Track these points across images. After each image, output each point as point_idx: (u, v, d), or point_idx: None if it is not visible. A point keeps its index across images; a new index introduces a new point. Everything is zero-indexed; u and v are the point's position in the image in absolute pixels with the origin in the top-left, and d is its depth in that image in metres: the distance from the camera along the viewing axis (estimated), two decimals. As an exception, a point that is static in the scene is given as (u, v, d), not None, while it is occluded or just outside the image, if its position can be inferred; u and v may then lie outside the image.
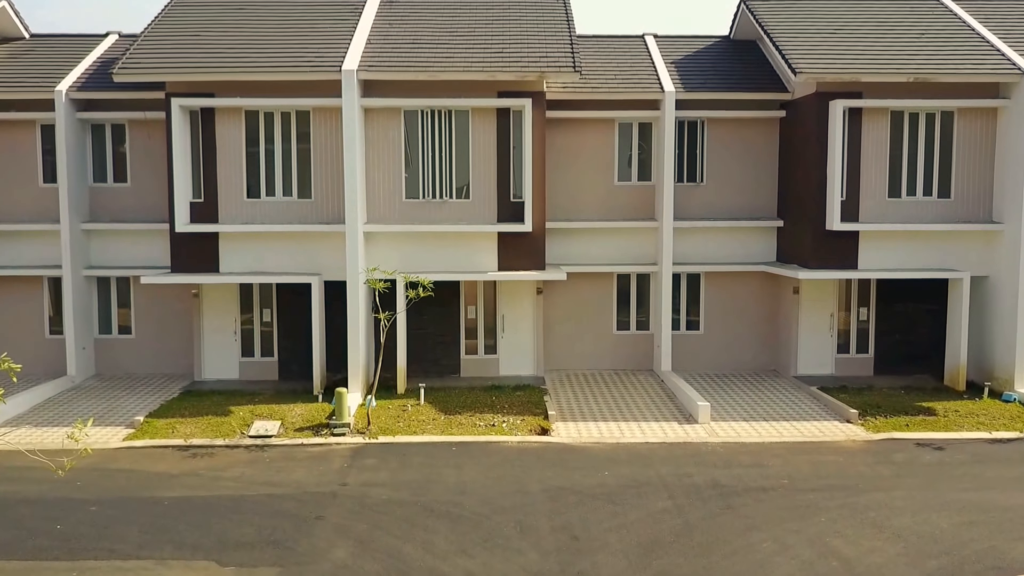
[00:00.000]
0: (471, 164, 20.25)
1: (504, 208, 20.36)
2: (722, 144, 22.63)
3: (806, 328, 22.27)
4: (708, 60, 23.46)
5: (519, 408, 19.04)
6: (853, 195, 20.68)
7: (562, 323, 22.88)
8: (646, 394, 20.84)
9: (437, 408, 18.96)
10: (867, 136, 20.62)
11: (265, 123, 20.04)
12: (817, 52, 20.69)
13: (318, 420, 18.18)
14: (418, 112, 20.05)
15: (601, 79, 22.14)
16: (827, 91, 20.40)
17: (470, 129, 20.16)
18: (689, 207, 22.55)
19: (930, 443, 17.40)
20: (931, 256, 21.09)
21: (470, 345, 21.94)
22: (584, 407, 19.72)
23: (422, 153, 20.13)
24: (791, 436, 17.85)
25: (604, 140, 22.39)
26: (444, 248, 20.37)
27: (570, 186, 22.40)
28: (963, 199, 20.98)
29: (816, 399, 20.50)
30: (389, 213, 20.19)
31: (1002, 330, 20.79)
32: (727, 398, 20.63)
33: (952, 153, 20.82)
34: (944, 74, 19.97)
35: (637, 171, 22.65)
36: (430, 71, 19.43)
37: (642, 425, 18.48)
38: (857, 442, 17.52)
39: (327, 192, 20.13)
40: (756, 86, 22.27)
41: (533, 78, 19.60)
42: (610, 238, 22.51)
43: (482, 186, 20.30)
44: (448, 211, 20.27)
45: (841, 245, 20.88)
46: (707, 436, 17.84)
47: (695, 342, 23.20)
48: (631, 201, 22.58)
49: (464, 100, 19.82)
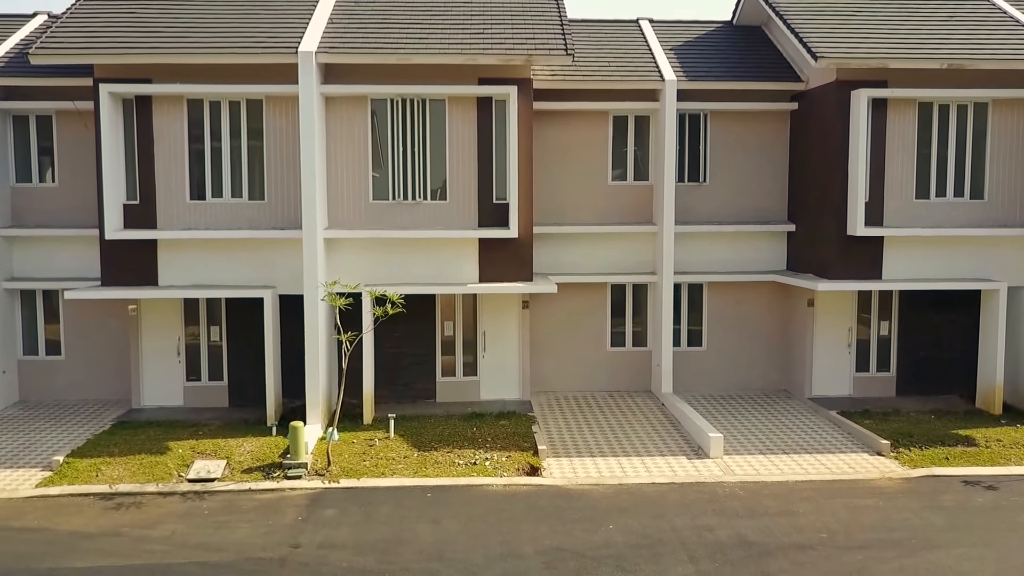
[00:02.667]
0: (448, 161, 17.75)
1: (486, 211, 17.87)
2: (727, 140, 20.30)
3: (821, 344, 19.99)
4: (710, 47, 21.14)
5: (504, 441, 16.55)
6: (877, 196, 18.42)
7: (551, 340, 20.43)
8: (647, 421, 18.43)
9: (409, 442, 16.42)
10: (892, 130, 18.36)
11: (211, 114, 17.41)
12: (839, 36, 18.42)
13: (270, 458, 15.58)
14: (387, 101, 17.51)
15: (593, 67, 19.74)
16: (848, 79, 18.11)
17: (447, 121, 17.66)
18: (691, 210, 20.21)
19: (978, 480, 15.19)
20: (963, 264, 18.89)
21: (447, 366, 19.42)
22: (578, 438, 17.27)
23: (392, 148, 17.62)
24: (817, 473, 15.54)
25: (597, 135, 19.97)
26: (417, 257, 17.85)
27: (560, 186, 19.97)
28: (998, 200, 18.79)
29: (838, 426, 18.21)
30: (354, 217, 17.63)
31: (1041, 347, 18.66)
32: (737, 425, 18.28)
33: (986, 149, 18.61)
34: (982, 60, 17.77)
35: (633, 169, 20.26)
36: (401, 53, 16.91)
37: (646, 461, 16.07)
38: (894, 480, 15.25)
39: (283, 193, 17.53)
40: (765, 75, 19.96)
41: (519, 62, 17.14)
42: (604, 244, 20.10)
43: (461, 186, 17.81)
44: (422, 214, 17.76)
45: (864, 252, 18.60)
46: (722, 474, 15.48)
47: (697, 360, 20.85)
48: (627, 203, 20.19)
49: (440, 87, 17.32)
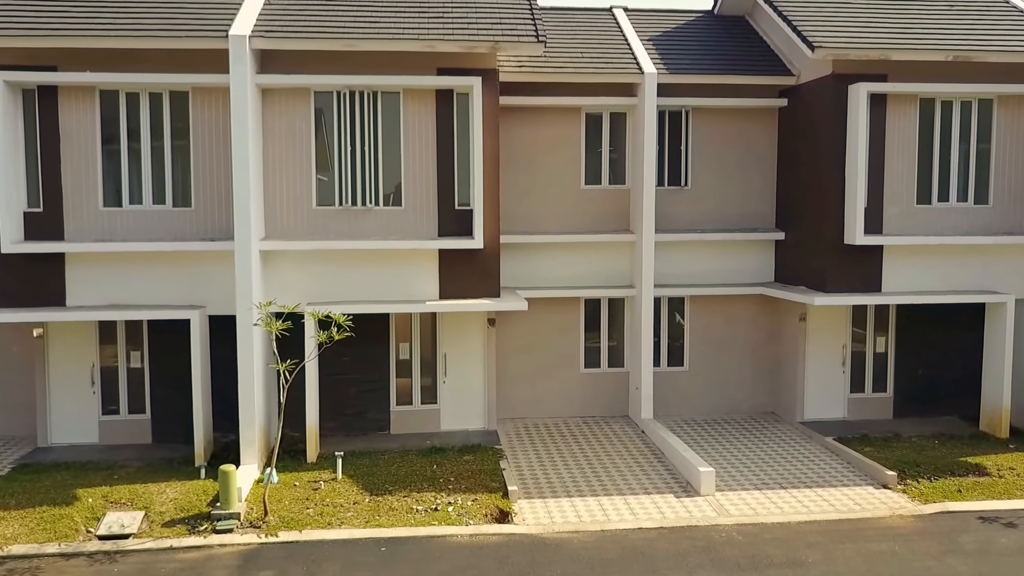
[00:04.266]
0: (403, 161, 15.69)
1: (447, 218, 15.85)
2: (711, 139, 18.54)
3: (813, 363, 18.28)
4: (690, 38, 19.36)
5: (469, 480, 14.51)
6: (875, 201, 16.77)
7: (519, 361, 18.44)
8: (627, 452, 16.53)
9: (360, 484, 14.29)
10: (892, 128, 16.74)
11: (128, 107, 15.16)
12: (836, 25, 16.75)
13: (197, 507, 13.35)
14: (333, 94, 15.41)
15: (565, 58, 17.83)
16: (846, 72, 16.45)
17: (402, 116, 15.61)
18: (671, 216, 18.39)
19: (996, 517, 13.62)
20: (967, 275, 17.34)
21: (403, 393, 17.28)
22: (552, 474, 15.29)
23: (339, 147, 15.52)
24: (821, 512, 13.80)
25: (569, 134, 18.06)
26: (368, 271, 15.76)
27: (529, 191, 18.01)
28: (1004, 206, 17.27)
29: (836, 454, 16.50)
30: (295, 226, 15.48)
31: (1051, 364, 17.16)
32: (727, 455, 16.47)
33: (991, 150, 17.10)
34: (989, 52, 16.23)
35: (609, 172, 18.38)
36: (348, 38, 14.81)
37: (630, 500, 14.16)
38: (906, 518, 13.59)
39: (212, 199, 15.32)
40: (752, 68, 18.23)
41: (484, 50, 15.16)
42: (577, 255, 18.18)
43: (418, 190, 15.76)
44: (374, 222, 15.68)
45: (863, 263, 16.95)
46: (715, 515, 13.64)
47: (679, 381, 19.02)
48: (602, 209, 18.30)
49: (394, 78, 15.26)
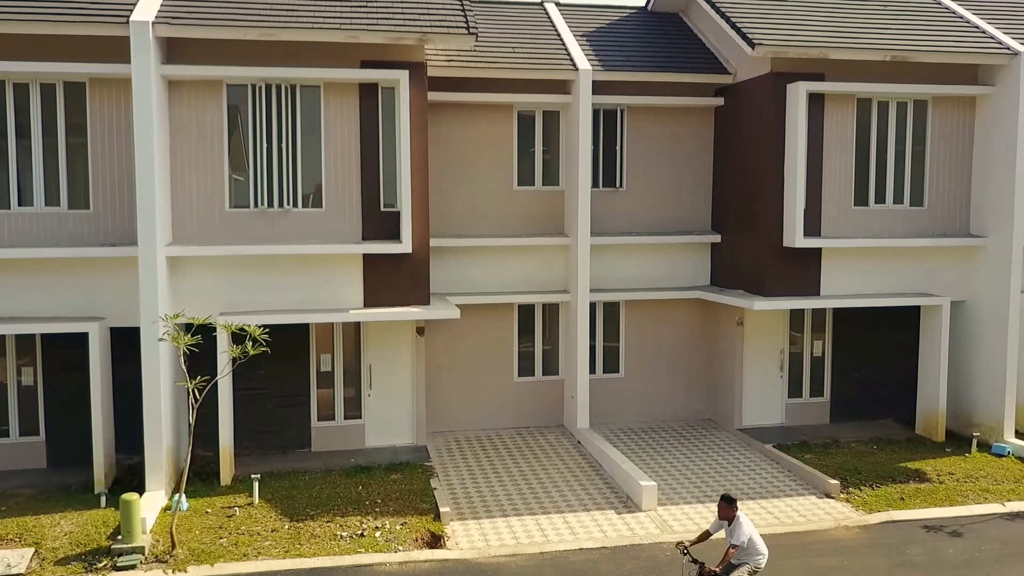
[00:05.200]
0: (324, 160, 14.65)
1: (372, 221, 14.86)
2: (646, 139, 17.98)
3: (751, 368, 17.87)
4: (624, 35, 18.75)
5: (397, 502, 13.56)
6: (814, 203, 16.43)
7: (449, 371, 17.52)
8: (563, 465, 15.80)
9: (279, 509, 13.20)
10: (830, 129, 16.43)
11: (16, 100, 13.74)
12: (774, 23, 16.34)
13: (96, 541, 12.07)
14: (248, 87, 14.29)
15: (496, 53, 17.00)
16: (784, 71, 16.05)
17: (323, 112, 14.56)
18: (606, 219, 17.75)
19: (940, 525, 13.40)
20: (904, 278, 17.18)
21: (325, 408, 16.18)
22: (487, 492, 14.45)
23: (255, 144, 14.39)
24: (767, 525, 13.31)
25: (501, 132, 17.25)
26: (287, 278, 14.66)
27: (459, 192, 17.14)
28: (938, 208, 17.16)
29: (776, 462, 16.09)
30: (206, 230, 14.28)
31: (984, 367, 17.07)
32: (666, 466, 15.90)
33: (926, 152, 16.95)
34: (925, 52, 16.04)
35: (542, 173, 17.64)
36: (264, 27, 13.70)
37: (569, 518, 13.43)
38: (852, 530, 13.23)
39: (113, 200, 14.02)
40: (688, 66, 17.72)
41: (412, 42, 14.24)
42: (510, 259, 17.38)
43: (340, 190, 14.74)
44: (292, 226, 14.59)
45: (801, 266, 16.59)
46: (659, 532, 13.01)
47: (615, 388, 18.39)
48: (535, 211, 17.54)
49: (314, 71, 14.22)
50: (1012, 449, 16.22)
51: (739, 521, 9.85)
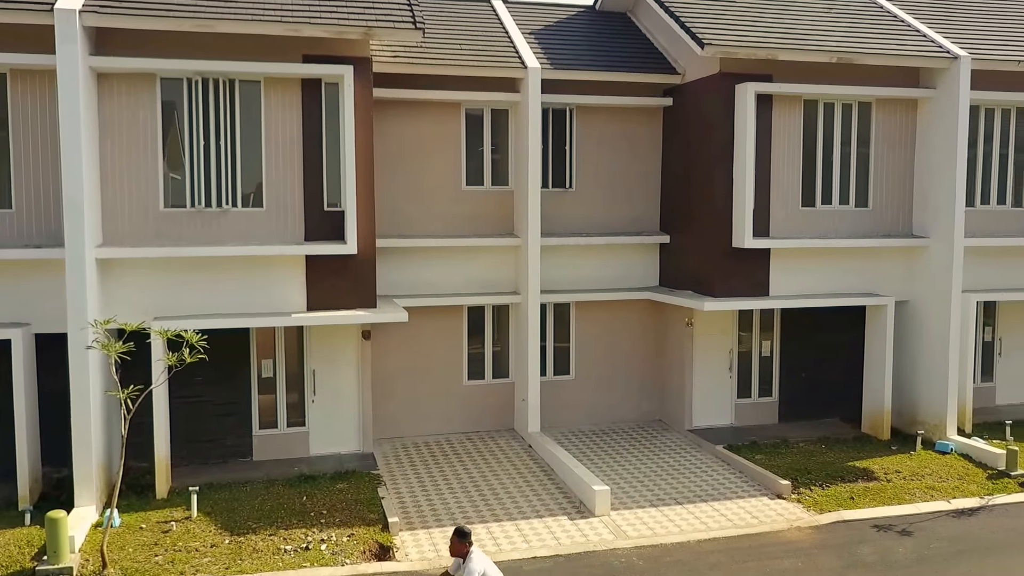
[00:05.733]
0: (265, 158, 14.10)
1: (315, 221, 14.35)
2: (595, 139, 17.77)
3: (701, 369, 17.81)
4: (573, 33, 18.54)
5: (344, 512, 13.07)
6: (762, 204, 16.41)
7: (396, 376, 17.06)
8: (515, 470, 15.48)
9: (219, 523, 12.60)
10: (778, 130, 16.43)
11: (-68, 91, 12.93)
12: (723, 23, 16.26)
13: (19, 563, 11.34)
14: (184, 81, 13.66)
15: (444, 49, 16.61)
16: (732, 72, 15.99)
17: (263, 107, 14.01)
18: (556, 219, 17.49)
19: (890, 524, 13.43)
20: (850, 278, 17.27)
21: (267, 416, 15.58)
22: (436, 500, 14.04)
23: (191, 141, 13.76)
24: (720, 528, 13.18)
25: (449, 131, 16.86)
26: (226, 280, 14.05)
27: (406, 191, 16.69)
28: (883, 208, 17.31)
29: (727, 463, 16.02)
30: (140, 230, 13.61)
31: (927, 366, 17.27)
32: (618, 469, 15.69)
33: (870, 153, 17.09)
34: (871, 55, 16.14)
35: (491, 172, 17.30)
36: (200, 18, 13.07)
37: (521, 525, 13.11)
38: (804, 531, 13.17)
39: (38, 199, 13.24)
40: (637, 66, 17.57)
41: (356, 36, 13.76)
42: (459, 260, 17.00)
43: (282, 189, 14.20)
44: (231, 226, 14.00)
45: (751, 266, 16.56)
46: (613, 537, 12.77)
47: (565, 390, 18.15)
48: (485, 212, 17.19)
49: (254, 65, 13.64)
50: (955, 446, 16.41)
51: (471, 557, 8.68)
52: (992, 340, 19.54)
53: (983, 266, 17.62)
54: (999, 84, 17.18)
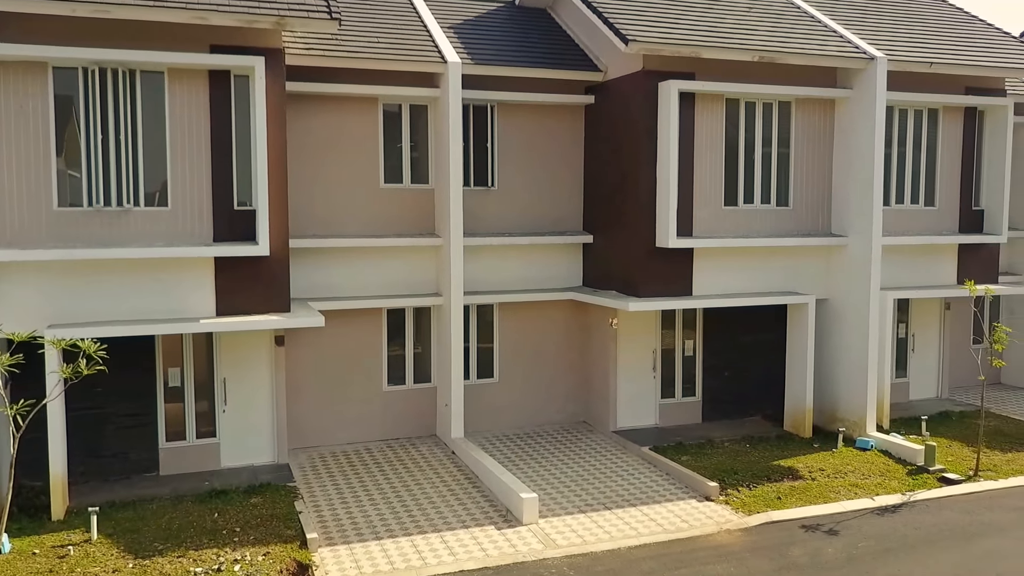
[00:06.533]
0: (170, 154, 13.24)
1: (224, 221, 13.56)
2: (517, 137, 17.39)
3: (625, 369, 17.63)
4: (493, 28, 18.12)
5: (258, 529, 12.34)
6: (686, 203, 16.29)
7: (313, 382, 16.34)
8: (438, 478, 14.97)
9: (122, 545, 11.72)
10: (700, 129, 16.34)
11: None
12: (646, 20, 16.07)
13: None
14: (79, 71, 12.71)
15: (360, 42, 15.97)
16: (655, 69, 15.83)
17: (168, 100, 13.16)
18: (478, 219, 17.04)
19: (817, 524, 13.44)
20: (771, 277, 17.33)
21: (174, 427, 14.67)
22: (357, 513, 13.42)
23: (89, 135, 12.81)
24: (650, 533, 12.95)
25: (365, 126, 16.23)
26: (128, 285, 13.15)
27: (321, 189, 15.99)
28: (803, 207, 17.43)
29: (654, 465, 15.85)
30: (31, 231, 12.59)
31: (847, 363, 17.47)
32: (544, 474, 15.35)
33: (790, 153, 17.18)
34: (791, 55, 16.20)
35: (411, 170, 16.74)
36: (95, 2, 12.10)
37: (447, 537, 12.61)
38: (734, 533, 13.05)
39: (-85, 196, 12.15)
40: (558, 63, 17.26)
41: (267, 25, 13.03)
42: (378, 261, 16.38)
43: (188, 187, 13.37)
44: (134, 226, 13.10)
45: (674, 266, 16.43)
46: (542, 547, 12.39)
47: (489, 394, 17.73)
48: (404, 211, 16.62)
49: (156, 55, 12.79)
50: (875, 443, 16.62)
51: None
52: (906, 336, 19.96)
53: (897, 264, 17.94)
54: (911, 85, 17.50)
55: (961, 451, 16.42)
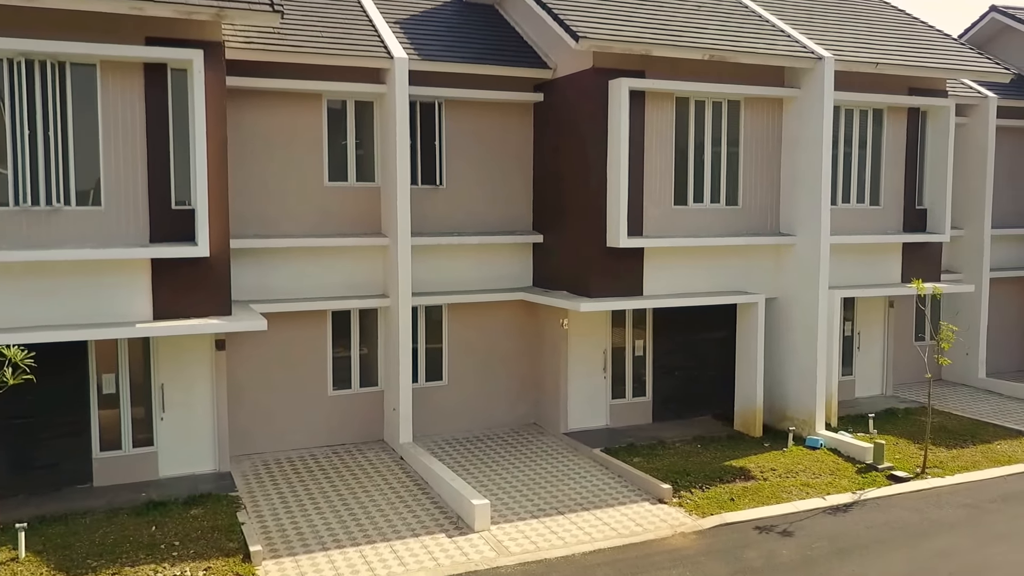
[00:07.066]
0: (103, 150, 12.65)
1: (162, 220, 13.00)
2: (466, 134, 17.08)
3: (576, 370, 17.45)
4: (440, 24, 17.75)
5: (199, 542, 11.83)
6: (636, 202, 16.17)
7: (255, 387, 15.81)
8: (387, 485, 14.59)
9: (52, 563, 11.12)
10: (651, 127, 16.24)
11: None
12: (597, 17, 15.87)
13: None
14: (3, 63, 12.04)
15: (303, 36, 15.48)
16: (606, 67, 15.67)
17: (100, 94, 12.56)
18: (426, 218, 16.69)
19: (771, 525, 13.41)
20: (721, 276, 17.31)
21: (109, 436, 14.01)
22: (303, 523, 12.98)
23: (15, 130, 12.15)
24: (604, 538, 12.76)
25: (309, 123, 15.76)
26: (58, 288, 12.52)
27: (264, 188, 15.48)
28: (752, 207, 17.45)
29: (606, 467, 15.69)
30: (-48, 231, 11.92)
31: (796, 361, 17.54)
32: (496, 478, 15.08)
33: (739, 152, 17.18)
34: (742, 53, 16.18)
35: (356, 168, 16.31)
36: (20, -9, 11.53)
37: (396, 546, 12.26)
38: (688, 536, 12.93)
39: None
40: (507, 59, 17.00)
41: (206, 17, 12.49)
42: (323, 261, 15.93)
43: (123, 186, 12.78)
44: (65, 226, 12.47)
45: (626, 266, 16.31)
46: (495, 555, 12.13)
47: (438, 397, 17.39)
48: (350, 210, 16.19)
49: (89, 46, 12.17)
50: (824, 441, 16.69)
51: None
52: (852, 335, 20.15)
53: (843, 263, 18.05)
54: (857, 86, 17.63)
55: (908, 448, 16.60)
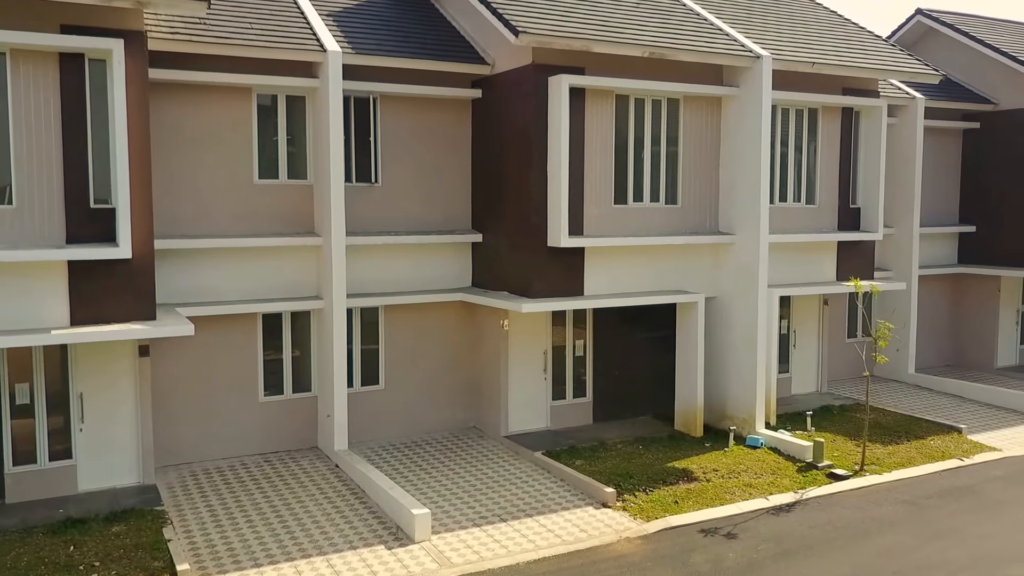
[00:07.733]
0: (14, 146, 11.82)
1: (79, 220, 12.23)
2: (402, 131, 16.61)
3: (516, 372, 17.14)
4: (374, 18, 17.21)
5: (121, 562, 11.15)
6: (576, 201, 15.94)
7: (181, 394, 15.08)
8: (322, 494, 14.04)
9: (-41, 589, 10.35)
10: (591, 125, 16.02)
11: None
12: (536, 12, 15.55)
13: None
14: (-100, 50, 11.16)
15: (231, 27, 14.80)
16: (545, 63, 15.37)
17: (10, 86, 11.74)
18: (361, 217, 16.16)
19: (716, 528, 13.30)
20: (662, 276, 17.22)
21: (23, 448, 13.15)
22: (235, 538, 12.36)
23: (-88, 123, 11.27)
24: (548, 545, 12.48)
25: (238, 117, 15.10)
26: (-35, 291, 11.68)
27: (190, 185, 14.77)
28: (691, 206, 17.38)
29: (548, 471, 15.42)
30: None
31: (735, 360, 17.54)
32: (435, 485, 14.67)
33: (679, 151, 17.09)
34: (682, 51, 16.04)
35: (287, 165, 15.70)
36: (-81, -28, 10.67)
37: (333, 560, 11.76)
38: (634, 541, 12.75)
39: None
40: (443, 54, 16.56)
41: (127, 5, 11.75)
42: (252, 262, 15.29)
43: (36, 183, 11.97)
44: (-30, 226, 11.63)
45: (566, 266, 16.06)
46: (437, 566, 11.74)
47: (375, 401, 16.88)
48: (280, 208, 15.58)
49: (-5, 34, 11.39)
50: (764, 440, 16.71)
51: None
52: (788, 332, 20.29)
53: (780, 261, 18.09)
54: (793, 85, 17.70)
55: (845, 445, 16.74)
